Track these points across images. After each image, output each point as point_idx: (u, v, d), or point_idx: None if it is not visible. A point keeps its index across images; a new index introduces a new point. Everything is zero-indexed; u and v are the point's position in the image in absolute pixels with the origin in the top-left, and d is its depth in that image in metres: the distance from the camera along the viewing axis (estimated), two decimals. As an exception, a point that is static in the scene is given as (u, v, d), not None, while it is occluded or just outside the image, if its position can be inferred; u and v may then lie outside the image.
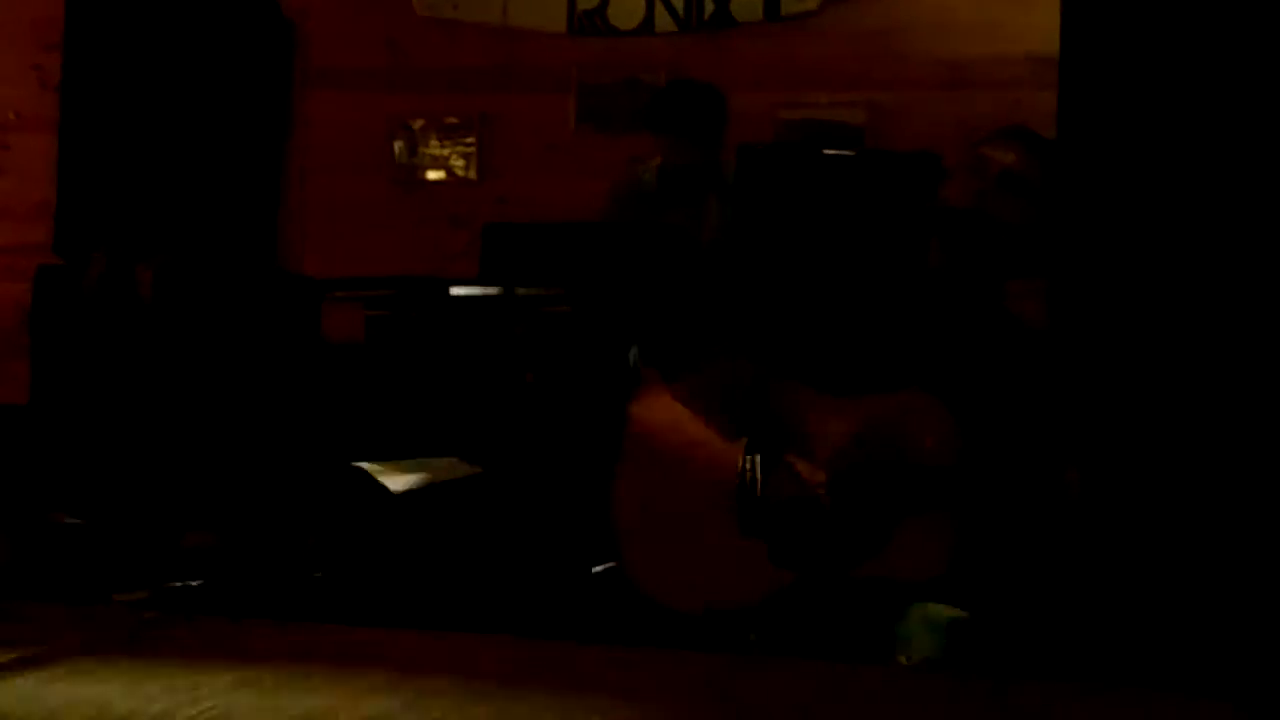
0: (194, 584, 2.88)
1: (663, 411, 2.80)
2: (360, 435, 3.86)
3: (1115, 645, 2.58)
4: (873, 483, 2.70)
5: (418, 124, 6.40)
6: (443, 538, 3.32)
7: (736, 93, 5.71)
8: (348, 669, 1.94)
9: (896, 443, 2.74)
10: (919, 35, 5.87)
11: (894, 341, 2.95)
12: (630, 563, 2.74)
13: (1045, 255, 3.15)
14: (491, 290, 3.88)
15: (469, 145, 6.35)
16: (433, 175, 6.39)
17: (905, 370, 2.85)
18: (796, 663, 2.37)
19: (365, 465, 3.48)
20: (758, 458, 2.73)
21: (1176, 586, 2.63)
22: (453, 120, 6.37)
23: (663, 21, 6.16)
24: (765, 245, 3.97)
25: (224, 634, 2.25)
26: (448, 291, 3.87)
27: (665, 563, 2.74)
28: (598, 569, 2.96)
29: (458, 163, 6.37)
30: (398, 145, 6.42)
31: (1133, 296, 3.65)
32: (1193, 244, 4.05)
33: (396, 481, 3.38)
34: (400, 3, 6.40)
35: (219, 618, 2.53)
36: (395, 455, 3.61)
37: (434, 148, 6.39)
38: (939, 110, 5.70)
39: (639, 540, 2.75)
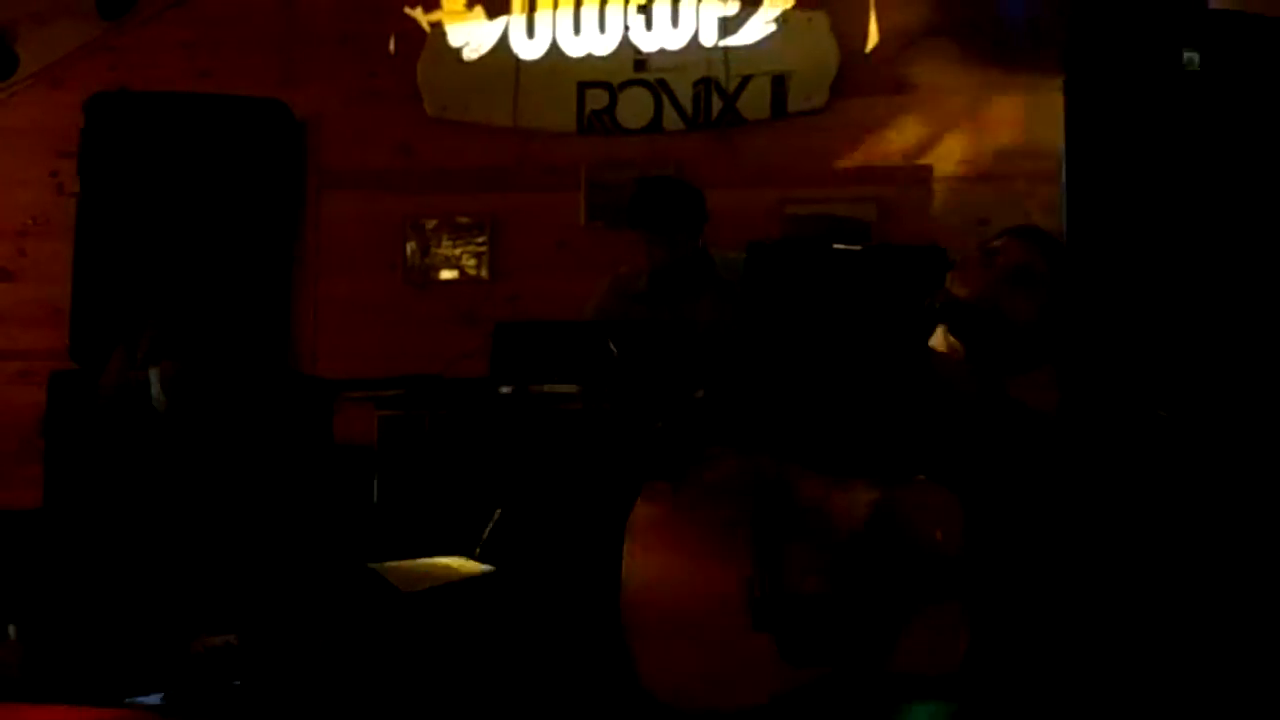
0: (206, 687, 2.88)
1: (671, 506, 2.80)
2: (372, 535, 3.86)
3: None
4: (883, 574, 2.69)
5: (430, 224, 6.46)
6: (454, 637, 3.31)
7: (746, 188, 5.79)
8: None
9: (907, 533, 2.73)
10: (922, 131, 5.93)
11: (902, 431, 2.95)
12: (639, 662, 2.73)
13: (1052, 349, 3.16)
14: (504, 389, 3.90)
15: (480, 244, 6.41)
16: (445, 275, 6.45)
17: (914, 461, 2.85)
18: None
19: (376, 566, 3.47)
20: (769, 551, 2.72)
21: (1190, 680, 2.61)
22: (464, 220, 6.43)
23: (671, 120, 6.24)
24: (774, 339, 3.98)
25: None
26: (458, 391, 3.89)
27: (674, 662, 2.72)
28: (605, 667, 2.94)
29: (469, 262, 6.42)
30: (410, 245, 6.47)
31: (1141, 386, 3.66)
32: (1199, 334, 4.07)
33: (407, 581, 3.37)
34: (411, 105, 6.49)
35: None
36: (406, 554, 3.61)
37: (446, 247, 6.44)
38: (945, 204, 5.75)
39: (647, 639, 2.74)
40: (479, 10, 6.35)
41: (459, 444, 3.86)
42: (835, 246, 4.25)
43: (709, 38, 6.17)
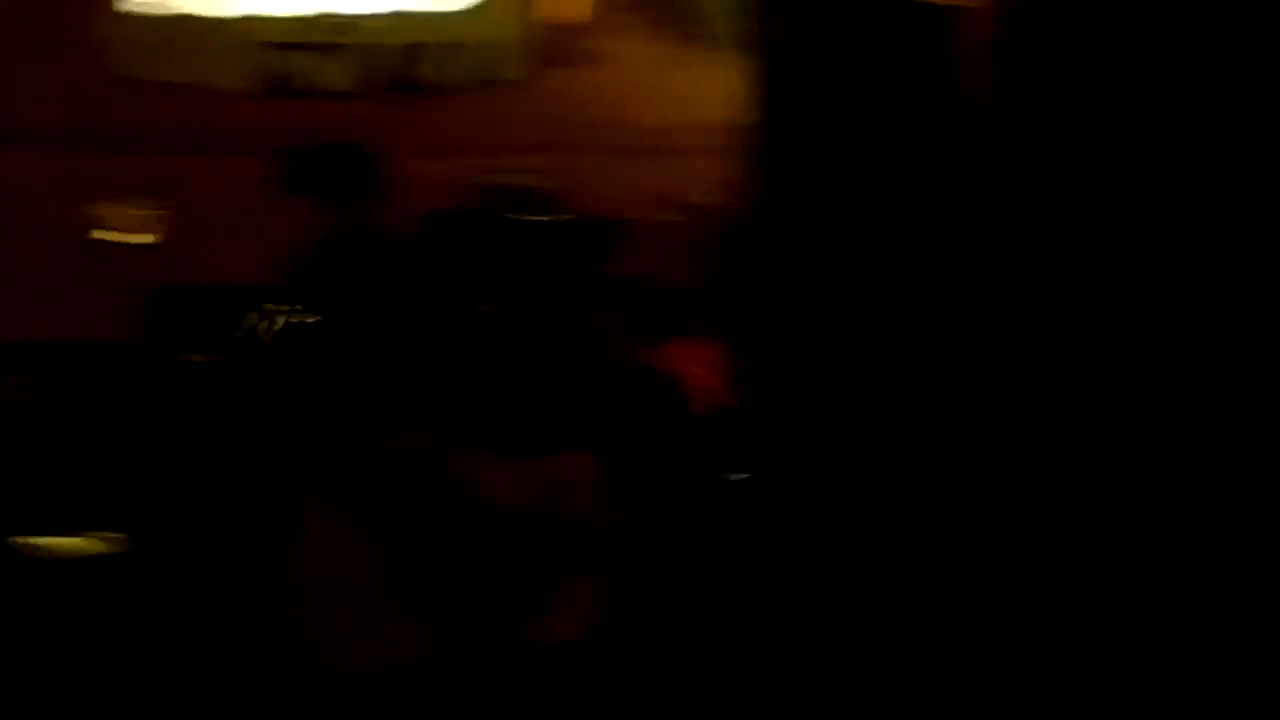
0: None
1: (335, 490, 2.81)
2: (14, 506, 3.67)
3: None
4: (525, 546, 2.71)
5: (105, 186, 6.21)
6: (89, 615, 3.17)
7: (434, 157, 5.71)
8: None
9: (557, 505, 2.77)
10: (613, 104, 5.97)
11: (561, 403, 2.98)
12: (305, 628, 2.71)
13: (714, 319, 3.20)
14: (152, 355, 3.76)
15: (154, 208, 6.20)
16: (118, 238, 6.21)
17: (571, 432, 2.89)
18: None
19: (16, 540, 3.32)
20: (409, 531, 2.73)
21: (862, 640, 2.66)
22: (139, 183, 6.22)
23: (361, 85, 6.15)
24: (443, 312, 3.94)
25: None
26: (103, 357, 3.74)
27: (334, 629, 2.73)
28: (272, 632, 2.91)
29: (144, 226, 6.21)
30: (83, 208, 6.21)
31: (812, 360, 3.70)
32: (871, 312, 4.15)
33: (45, 554, 3.23)
34: (92, 63, 6.26)
35: None
36: (47, 528, 3.45)
37: (119, 211, 6.21)
38: (630, 176, 5.79)
39: (312, 607, 2.75)
40: (161, -37, 6.15)
41: (100, 412, 3.70)
42: (509, 218, 4.23)
43: (407, 2, 6.10)
